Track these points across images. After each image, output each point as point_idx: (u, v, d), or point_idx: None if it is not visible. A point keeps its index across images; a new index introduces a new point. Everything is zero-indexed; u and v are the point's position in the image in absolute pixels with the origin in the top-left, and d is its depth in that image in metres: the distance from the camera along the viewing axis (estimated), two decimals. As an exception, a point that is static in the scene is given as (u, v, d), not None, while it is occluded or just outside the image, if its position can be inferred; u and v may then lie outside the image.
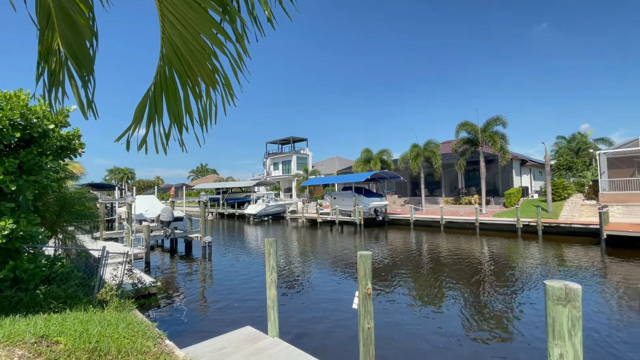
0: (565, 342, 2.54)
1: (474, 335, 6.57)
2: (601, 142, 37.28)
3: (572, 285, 2.57)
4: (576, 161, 32.89)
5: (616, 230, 15.46)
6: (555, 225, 18.77)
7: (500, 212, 23.47)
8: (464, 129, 25.65)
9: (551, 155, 40.18)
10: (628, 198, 20.76)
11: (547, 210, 21.48)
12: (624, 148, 22.54)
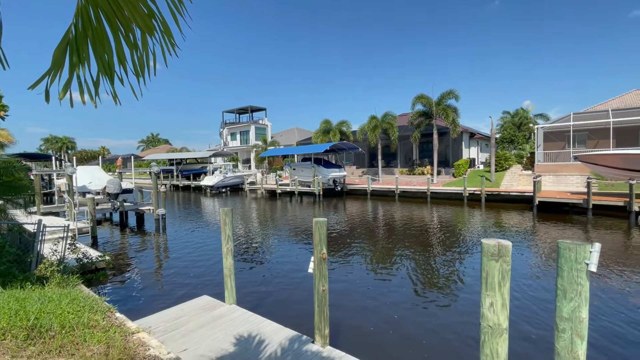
0: (495, 292, 2.83)
1: (421, 291, 7.14)
2: (540, 117, 40.51)
3: (503, 242, 2.83)
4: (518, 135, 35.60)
5: (546, 197, 17.26)
6: (496, 193, 20.48)
7: (449, 182, 25.02)
8: (419, 102, 26.40)
9: (497, 129, 43.05)
10: (558, 168, 23.10)
11: (491, 179, 23.27)
12: (557, 123, 24.73)
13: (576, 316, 2.54)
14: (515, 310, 6.05)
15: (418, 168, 30.03)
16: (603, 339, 5.09)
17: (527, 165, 26.04)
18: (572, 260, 2.53)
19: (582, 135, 24.86)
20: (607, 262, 8.96)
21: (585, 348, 2.57)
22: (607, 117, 22.36)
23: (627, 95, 27.48)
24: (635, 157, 15.58)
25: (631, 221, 13.86)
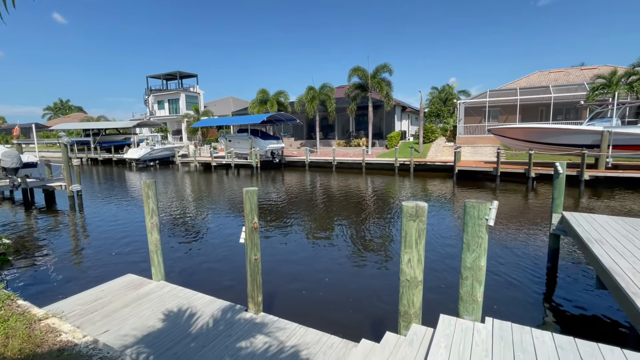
0: (412, 249, 3.09)
1: (352, 254, 7.58)
2: (462, 93, 44.10)
3: (420, 203, 3.06)
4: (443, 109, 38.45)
5: (464, 166, 19.19)
6: (423, 163, 22.16)
7: (383, 153, 26.33)
8: (355, 74, 26.75)
9: (426, 104, 45.94)
10: (476, 140, 25.67)
11: (419, 151, 25.03)
12: (476, 99, 27.18)
13: (476, 265, 2.90)
14: (430, 264, 6.77)
15: (354, 140, 30.95)
16: (496, 283, 5.98)
17: (450, 138, 28.47)
18: (475, 217, 2.85)
19: (495, 110, 27.75)
20: (506, 219, 10.42)
21: (483, 291, 2.97)
22: (516, 95, 25.18)
23: (532, 76, 31.13)
24: (534, 130, 17.96)
25: (529, 185, 16.17)
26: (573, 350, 2.53)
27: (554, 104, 23.98)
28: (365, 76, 26.58)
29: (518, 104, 24.92)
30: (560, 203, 6.42)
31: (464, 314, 2.98)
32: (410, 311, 3.18)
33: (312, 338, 3.64)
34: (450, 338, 2.70)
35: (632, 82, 20.06)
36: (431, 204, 13.09)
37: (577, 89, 23.46)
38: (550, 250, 6.48)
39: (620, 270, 3.90)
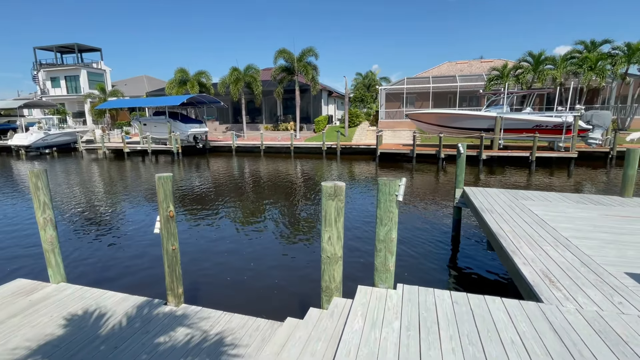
0: (332, 227, 3.21)
1: (279, 238, 7.63)
2: (384, 80, 46.62)
3: (339, 183, 3.18)
4: (367, 95, 40.26)
5: (385, 149, 20.52)
6: (349, 147, 23.08)
7: (311, 137, 26.67)
8: (282, 57, 26.28)
9: (351, 89, 47.55)
10: (396, 125, 27.54)
11: (345, 135, 25.93)
12: (395, 86, 29.02)
13: (388, 237, 3.14)
14: (352, 240, 7.20)
15: (282, 124, 30.70)
16: (409, 252, 6.63)
17: (373, 122, 30.05)
18: (387, 193, 3.07)
19: (412, 97, 30.02)
20: (420, 195, 11.52)
21: (395, 261, 3.25)
22: (429, 83, 27.52)
23: (443, 66, 34.25)
24: (443, 115, 19.94)
25: (440, 165, 18.03)
26: (465, 303, 2.95)
27: (460, 92, 26.86)
28: (291, 59, 26.28)
29: (431, 92, 27.30)
30: (462, 179, 7.29)
31: (379, 283, 3.24)
32: (331, 286, 3.34)
33: (237, 323, 3.60)
34: (366, 306, 2.92)
35: (518, 75, 23.43)
36: (356, 185, 13.79)
37: (478, 79, 26.57)
38: (454, 220, 7.37)
39: (504, 233, 4.63)
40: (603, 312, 2.78)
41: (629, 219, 5.22)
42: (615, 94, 23.99)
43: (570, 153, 16.85)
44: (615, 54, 21.66)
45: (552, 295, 3.05)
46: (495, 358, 2.27)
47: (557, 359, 2.26)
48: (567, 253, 3.96)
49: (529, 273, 3.47)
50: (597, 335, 2.49)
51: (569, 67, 22.13)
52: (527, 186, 13.26)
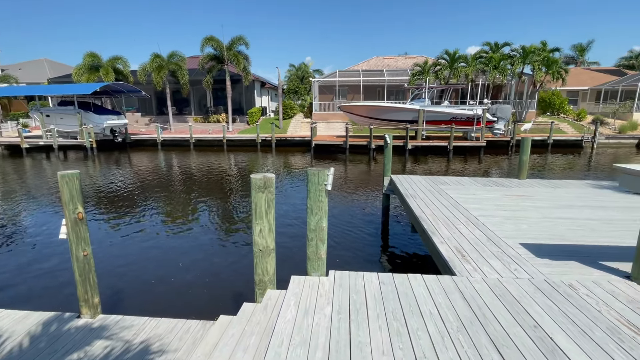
0: (263, 219, 3.16)
1: (210, 234, 7.32)
2: (317, 72, 47.12)
3: (268, 175, 3.14)
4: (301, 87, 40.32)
5: (320, 140, 20.87)
6: (284, 139, 22.95)
7: (244, 129, 25.89)
8: (209, 44, 24.88)
9: (284, 81, 47.14)
10: (329, 117, 28.10)
11: (279, 127, 25.71)
12: (328, 78, 29.54)
13: (319, 226, 3.21)
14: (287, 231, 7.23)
15: (213, 115, 29.25)
16: (342, 239, 6.90)
17: (307, 114, 30.26)
18: (316, 183, 3.11)
19: (344, 89, 30.87)
20: (352, 185, 12.01)
21: (326, 249, 3.34)
22: (359, 77, 28.55)
23: (372, 60, 35.78)
24: (373, 108, 20.93)
25: (370, 155, 18.95)
26: (391, 283, 3.16)
27: (388, 86, 28.40)
28: (220, 47, 25.02)
29: (361, 85, 28.39)
30: (389, 168, 7.75)
31: (312, 272, 3.31)
32: (264, 279, 3.31)
33: (165, 328, 3.37)
34: (299, 295, 2.96)
35: (437, 71, 25.56)
36: (292, 177, 13.82)
37: (403, 74, 28.35)
38: (384, 207, 7.83)
39: (425, 216, 5.05)
40: (502, 279, 3.22)
41: (523, 198, 6.10)
42: (514, 90, 27.63)
43: (480, 142, 19.02)
44: (514, 55, 24.88)
45: (464, 268, 3.43)
46: (416, 329, 2.48)
47: (466, 322, 2.55)
48: (476, 230, 4.48)
49: (445, 250, 3.85)
50: (498, 299, 2.88)
51: (478, 65, 24.81)
52: (446, 172, 14.67)
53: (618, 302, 2.83)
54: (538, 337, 2.39)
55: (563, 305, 2.78)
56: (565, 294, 2.95)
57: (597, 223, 4.73)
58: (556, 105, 28.00)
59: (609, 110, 28.02)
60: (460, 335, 2.42)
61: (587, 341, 2.34)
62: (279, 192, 11.32)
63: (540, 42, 24.39)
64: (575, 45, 42.52)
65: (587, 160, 18.05)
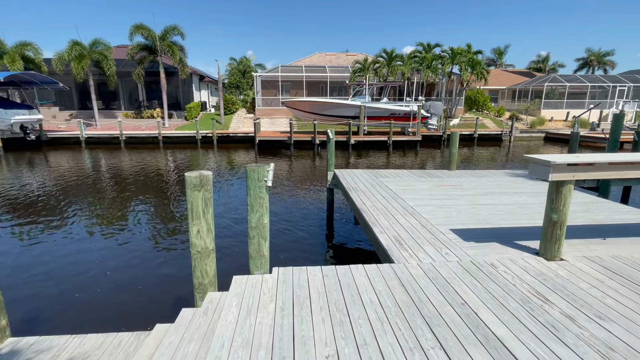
0: (200, 219, 3.01)
1: (143, 239, 6.82)
2: (259, 67, 46.17)
3: (205, 172, 2.98)
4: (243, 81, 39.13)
5: (264, 136, 20.53)
6: (226, 135, 22.14)
7: (182, 125, 24.44)
8: (139, 33, 22.93)
9: (225, 75, 45.39)
10: (273, 112, 27.74)
11: (221, 122, 24.73)
12: (270, 73, 29.09)
13: (261, 223, 3.14)
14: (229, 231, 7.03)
15: (147, 110, 27.13)
16: (287, 236, 6.91)
17: (250, 109, 29.53)
18: (256, 180, 3.04)
19: (287, 85, 30.68)
20: (298, 180, 12.04)
21: (268, 246, 3.28)
22: (302, 72, 28.57)
23: (314, 56, 35.99)
24: (316, 103, 21.12)
25: (315, 151, 19.14)
26: (334, 275, 3.22)
27: (330, 82, 28.85)
28: (152, 37, 23.19)
29: (304, 80, 28.45)
30: (332, 163, 7.88)
31: (254, 270, 3.24)
32: (204, 281, 3.16)
33: (92, 344, 3.06)
34: (241, 295, 2.87)
35: (376, 68, 26.60)
36: (234, 174, 13.40)
37: (344, 71, 29.01)
38: (328, 201, 7.96)
39: (366, 208, 5.24)
40: (435, 263, 3.47)
41: (453, 187, 6.63)
42: (445, 88, 29.89)
43: (416, 137, 20.28)
44: (444, 55, 26.87)
45: (401, 256, 3.63)
46: (358, 318, 2.56)
47: (403, 307, 2.70)
48: (412, 219, 4.77)
49: (384, 239, 4.04)
50: (431, 282, 3.09)
51: (413, 64, 26.34)
52: (387, 166, 15.39)
53: (529, 275, 3.21)
54: (465, 313, 2.62)
55: (486, 282, 3.08)
56: (488, 272, 3.27)
57: (514, 207, 5.33)
58: (480, 102, 30.91)
59: (522, 107, 31.74)
60: (398, 319, 2.55)
61: (504, 312, 2.63)
62: (221, 190, 10.92)
63: (466, 44, 26.66)
64: (495, 49, 47.27)
65: (505, 152, 20.26)
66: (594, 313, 2.62)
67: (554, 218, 3.42)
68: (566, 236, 3.67)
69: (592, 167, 3.38)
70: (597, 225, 4.59)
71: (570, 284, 3.05)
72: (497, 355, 2.17)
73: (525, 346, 2.25)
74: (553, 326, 2.47)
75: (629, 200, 8.07)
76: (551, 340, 2.31)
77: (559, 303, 2.76)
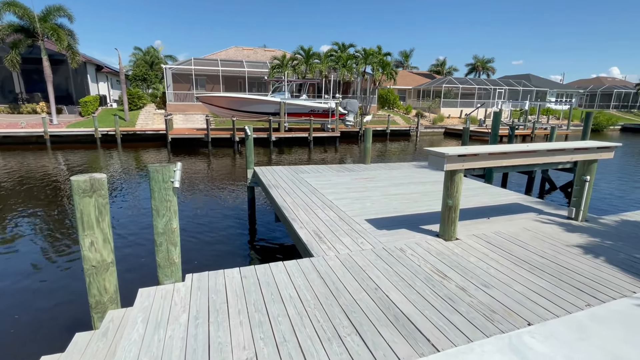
0: (94, 229, 2.63)
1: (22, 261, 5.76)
2: (169, 58, 42.55)
3: (97, 175, 2.61)
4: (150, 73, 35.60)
5: (178, 134, 19.05)
6: (132, 133, 19.92)
7: (76, 122, 21.19)
8: (10, 10, 19.06)
9: (129, 66, 40.70)
10: (186, 108, 25.90)
11: (125, 119, 22.16)
12: (182, 66, 27.05)
13: (169, 228, 2.89)
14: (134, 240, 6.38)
15: (26, 105, 22.82)
16: (205, 239, 6.55)
17: (160, 105, 27.09)
18: (161, 181, 2.77)
19: (202, 79, 28.92)
20: (217, 179, 11.49)
21: (179, 252, 3.04)
22: (218, 66, 27.23)
23: (230, 50, 34.58)
24: (234, 99, 20.39)
25: (235, 148, 18.47)
26: (253, 275, 3.14)
27: (249, 78, 28.08)
28: (29, 17, 19.49)
29: (220, 75, 27.16)
30: (252, 160, 7.69)
31: (164, 280, 2.96)
32: (103, 299, 2.78)
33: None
34: (148, 310, 2.60)
35: (295, 65, 26.77)
36: (144, 176, 12.14)
37: (263, 67, 28.52)
38: (249, 199, 7.76)
39: (286, 204, 5.24)
40: (351, 252, 3.63)
41: (368, 179, 7.06)
42: (360, 87, 31.62)
43: (335, 133, 21.06)
44: (358, 55, 28.34)
45: (320, 249, 3.72)
46: (277, 316, 2.54)
47: (322, 298, 2.77)
48: (331, 212, 4.92)
49: (304, 234, 4.09)
50: (347, 271, 3.23)
51: (330, 63, 27.20)
52: (308, 162, 15.66)
53: (432, 256, 3.59)
54: (378, 297, 2.80)
55: (396, 266, 3.34)
56: (397, 256, 3.55)
57: (419, 195, 5.91)
58: (391, 101, 33.52)
59: (426, 105, 35.42)
60: (317, 311, 2.60)
61: (411, 292, 2.88)
62: (127, 195, 9.82)
63: (377, 46, 28.56)
64: (402, 52, 51.66)
65: (413, 146, 22.38)
66: (480, 282, 3.05)
67: (449, 203, 3.87)
68: (460, 218, 4.20)
69: (477, 157, 3.91)
70: (483, 207, 5.36)
71: (463, 260, 3.50)
72: (405, 332, 2.37)
73: (428, 320, 2.51)
74: (450, 298, 2.79)
75: (507, 184, 9.64)
76: (448, 312, 2.61)
77: (455, 277, 3.14)
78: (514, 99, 36.19)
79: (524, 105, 30.13)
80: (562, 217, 4.83)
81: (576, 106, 42.03)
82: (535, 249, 3.78)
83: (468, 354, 2.15)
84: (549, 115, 33.50)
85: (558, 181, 10.75)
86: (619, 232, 4.29)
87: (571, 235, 4.19)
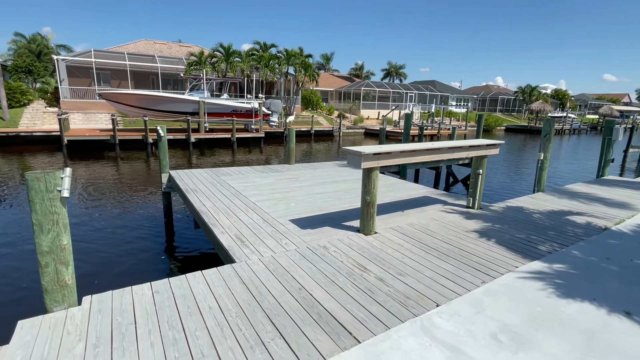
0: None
1: None
2: (63, 48, 36.75)
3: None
4: (38, 65, 30.38)
5: (76, 135, 16.61)
6: (14, 134, 16.75)
7: None
8: None
9: (9, 54, 34.11)
10: (87, 106, 22.77)
11: (4, 118, 18.53)
12: (80, 58, 23.70)
13: (57, 246, 2.46)
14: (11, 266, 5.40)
15: None
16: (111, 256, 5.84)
17: (51, 102, 23.33)
18: (44, 191, 2.35)
19: (106, 74, 25.74)
20: (128, 186, 10.34)
21: (73, 272, 2.62)
22: (124, 60, 24.52)
23: (139, 43, 31.44)
24: (145, 97, 18.60)
25: (148, 151, 16.84)
26: (167, 289, 2.87)
27: (162, 74, 25.87)
28: None
29: (128, 70, 24.52)
30: (166, 163, 7.07)
31: (53, 306, 2.51)
32: (-34, 340, 2.24)
33: None
34: (31, 345, 2.17)
35: (214, 63, 25.55)
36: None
37: (178, 63, 26.59)
38: (165, 206, 7.12)
39: (206, 209, 4.93)
40: (275, 254, 3.57)
41: (292, 180, 7.07)
42: (283, 87, 31.62)
43: (259, 133, 20.69)
44: (280, 56, 28.28)
45: (243, 253, 3.57)
46: (194, 330, 2.35)
47: (244, 305, 2.65)
48: (254, 215, 4.79)
49: (225, 240, 3.89)
50: (271, 273, 3.16)
51: (252, 62, 26.62)
52: (232, 163, 15.08)
53: (353, 251, 3.72)
54: (302, 297, 2.80)
55: (319, 264, 3.39)
56: (321, 254, 3.61)
57: (341, 193, 6.11)
58: (314, 102, 34.26)
59: (347, 107, 37.09)
60: (239, 319, 2.48)
61: (334, 288, 2.95)
62: (4, 210, 8.22)
63: (298, 47, 28.86)
64: (323, 55, 53.19)
65: (336, 146, 23.21)
66: (397, 272, 3.27)
67: (368, 199, 4.08)
68: (378, 213, 4.46)
69: (390, 155, 4.19)
70: (398, 201, 5.79)
71: (381, 252, 3.71)
72: (328, 328, 2.40)
73: (349, 313, 2.58)
74: (370, 290, 2.93)
75: (419, 179, 10.61)
76: (368, 302, 2.73)
77: (374, 269, 3.31)
78: (422, 102, 40.11)
79: (431, 108, 33.66)
80: (462, 207, 5.48)
81: (472, 109, 48.42)
82: (442, 236, 4.20)
83: (386, 341, 2.27)
84: (451, 117, 37.97)
85: (459, 175, 12.22)
86: (504, 217, 5.03)
87: (469, 222, 4.77)
